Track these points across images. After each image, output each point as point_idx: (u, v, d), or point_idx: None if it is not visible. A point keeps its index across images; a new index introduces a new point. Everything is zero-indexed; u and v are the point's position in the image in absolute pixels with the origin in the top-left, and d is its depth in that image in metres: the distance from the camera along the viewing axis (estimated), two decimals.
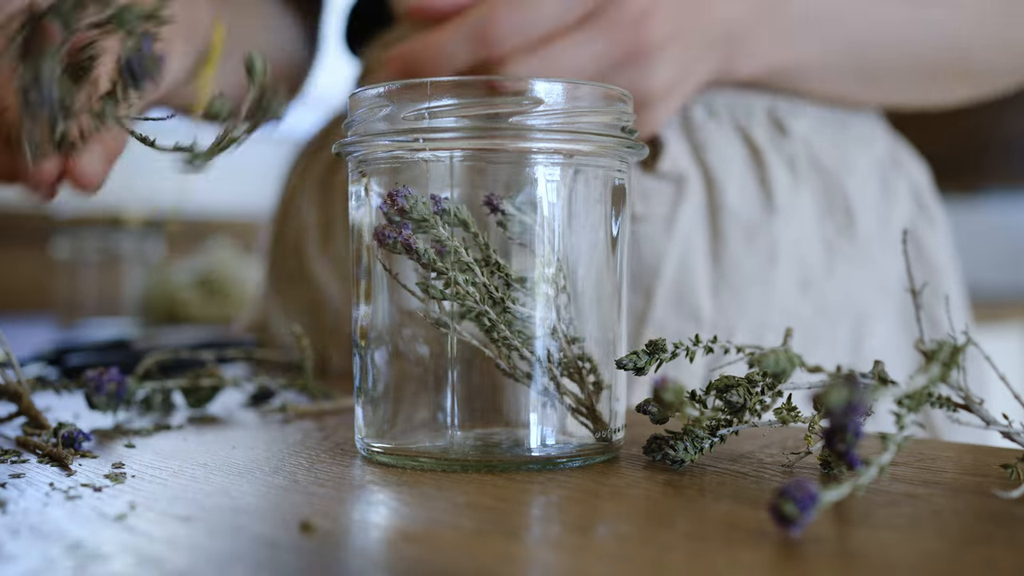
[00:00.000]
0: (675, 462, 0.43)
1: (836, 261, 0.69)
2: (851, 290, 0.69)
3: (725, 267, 0.67)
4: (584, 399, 0.44)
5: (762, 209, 0.68)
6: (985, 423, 0.39)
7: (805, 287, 0.68)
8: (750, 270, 0.67)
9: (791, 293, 0.67)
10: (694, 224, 0.67)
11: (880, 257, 0.70)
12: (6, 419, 0.53)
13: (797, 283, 0.68)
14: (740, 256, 0.67)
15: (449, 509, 0.36)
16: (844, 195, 0.70)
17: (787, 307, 0.67)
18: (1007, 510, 0.36)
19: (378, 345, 0.45)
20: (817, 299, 0.68)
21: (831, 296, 0.68)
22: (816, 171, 0.70)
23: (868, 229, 0.70)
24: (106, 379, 0.53)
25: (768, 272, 0.67)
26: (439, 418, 0.44)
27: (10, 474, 0.42)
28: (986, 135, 2.35)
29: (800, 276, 0.68)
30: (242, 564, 0.31)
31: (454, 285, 0.43)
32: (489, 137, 0.42)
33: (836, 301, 0.68)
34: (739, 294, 0.67)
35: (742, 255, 0.67)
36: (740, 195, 0.68)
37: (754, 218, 0.68)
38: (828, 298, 0.68)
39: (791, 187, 0.69)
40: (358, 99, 0.45)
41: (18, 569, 0.30)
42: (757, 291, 0.67)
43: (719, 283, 0.67)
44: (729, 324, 0.67)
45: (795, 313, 0.67)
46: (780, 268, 0.67)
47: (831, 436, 0.34)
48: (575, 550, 0.32)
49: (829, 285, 0.68)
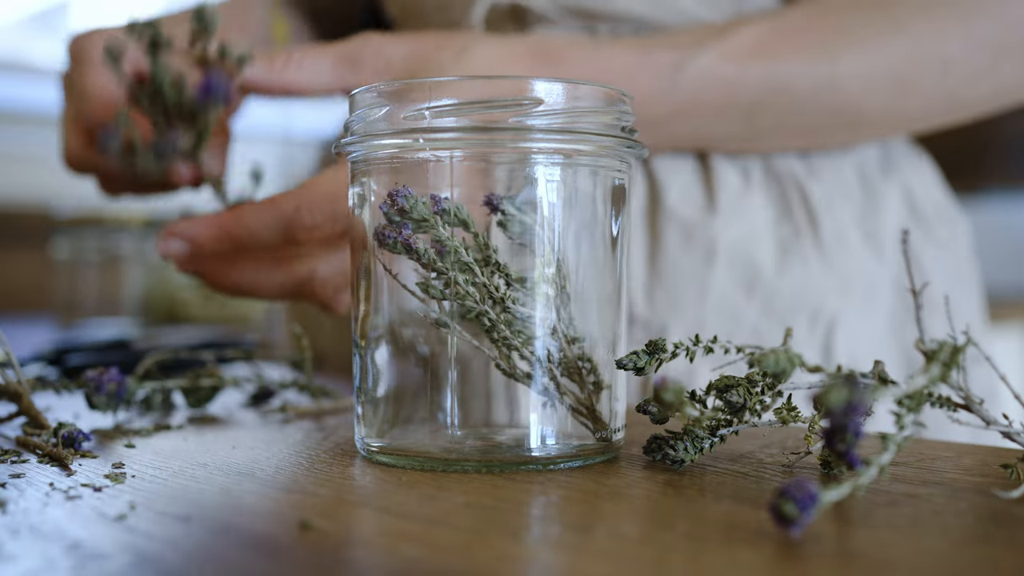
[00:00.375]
0: (675, 462, 0.43)
1: (791, 262, 0.68)
2: (806, 290, 0.68)
3: (661, 266, 0.68)
4: (584, 399, 0.44)
5: (703, 210, 0.68)
6: (985, 423, 0.39)
7: (751, 288, 0.68)
8: (686, 269, 0.68)
9: (732, 293, 0.68)
10: (633, 223, 0.67)
11: (849, 260, 0.70)
12: (6, 419, 0.53)
13: (741, 284, 0.68)
14: (677, 255, 0.68)
15: (449, 509, 0.36)
16: (806, 199, 0.70)
17: (727, 307, 0.68)
18: (1007, 510, 0.36)
19: (378, 345, 0.45)
20: (765, 300, 0.68)
21: (782, 296, 0.68)
22: (773, 177, 0.70)
23: (836, 232, 0.70)
24: (106, 379, 0.53)
25: (705, 271, 0.68)
26: (439, 418, 0.44)
27: (10, 474, 0.42)
28: (986, 135, 2.35)
29: (745, 277, 0.68)
30: (242, 564, 0.31)
31: (454, 285, 0.43)
32: (489, 137, 0.42)
33: (787, 301, 0.68)
34: (673, 293, 0.68)
35: (679, 254, 0.68)
36: (681, 196, 0.68)
37: (693, 218, 0.68)
38: (777, 299, 0.68)
39: (740, 191, 0.69)
40: (358, 99, 0.45)
41: (18, 569, 0.30)
42: (693, 290, 0.68)
43: (653, 282, 0.68)
44: (662, 323, 0.68)
45: (738, 313, 0.68)
46: (719, 268, 0.68)
47: (831, 436, 0.34)
48: (575, 550, 0.32)
49: (781, 284, 0.68)
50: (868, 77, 0.64)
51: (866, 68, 0.64)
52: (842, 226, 0.70)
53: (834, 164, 0.71)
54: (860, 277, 0.70)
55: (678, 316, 0.68)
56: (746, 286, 0.68)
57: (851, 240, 0.70)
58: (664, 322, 0.68)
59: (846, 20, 0.65)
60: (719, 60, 0.63)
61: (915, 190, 0.74)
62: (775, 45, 0.64)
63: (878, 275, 0.70)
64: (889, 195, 0.72)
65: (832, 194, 0.70)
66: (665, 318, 0.68)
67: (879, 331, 0.70)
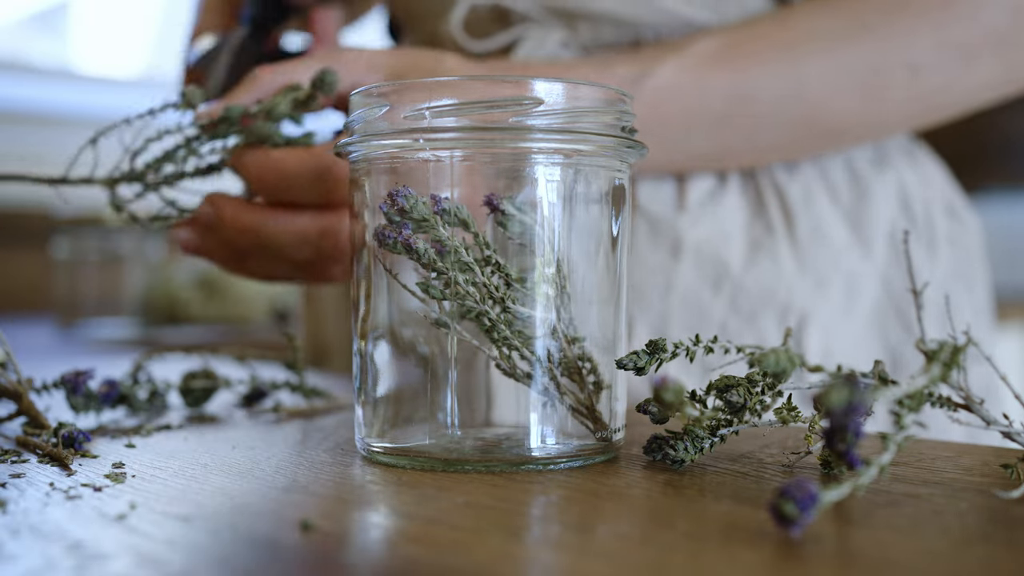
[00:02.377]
0: (675, 462, 0.43)
1: (760, 258, 0.68)
2: (776, 286, 0.68)
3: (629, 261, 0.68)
4: (584, 399, 0.44)
5: (672, 208, 0.69)
6: (985, 423, 0.39)
7: (718, 284, 0.68)
8: (652, 264, 0.68)
9: (698, 288, 0.68)
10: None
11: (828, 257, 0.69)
12: (6, 419, 0.53)
13: (707, 279, 0.68)
14: (643, 250, 0.68)
15: (449, 509, 0.36)
16: (783, 197, 0.69)
17: (693, 302, 0.68)
18: (1007, 510, 0.36)
19: (378, 345, 0.45)
20: (732, 296, 0.68)
21: (748, 292, 0.68)
22: (750, 178, 0.70)
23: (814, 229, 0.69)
24: (82, 380, 0.54)
25: (671, 266, 0.68)
26: (439, 418, 0.44)
27: (10, 474, 0.42)
28: (986, 135, 2.35)
29: (712, 273, 0.68)
30: (242, 564, 0.31)
31: (454, 285, 0.43)
32: (489, 137, 0.42)
33: (754, 297, 0.68)
34: (640, 287, 0.68)
35: (646, 250, 0.68)
36: (652, 194, 0.69)
37: (661, 214, 0.68)
38: (743, 295, 0.68)
39: (714, 192, 0.69)
40: (358, 99, 0.45)
41: (18, 569, 0.30)
42: (659, 285, 0.68)
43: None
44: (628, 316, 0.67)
45: (704, 309, 0.68)
46: (685, 263, 0.68)
47: (831, 436, 0.34)
48: (575, 550, 0.32)
49: (748, 279, 0.68)
50: (833, 83, 0.64)
51: (831, 74, 0.64)
52: (822, 223, 0.69)
53: (816, 162, 0.71)
54: (840, 274, 0.69)
55: (643, 309, 0.68)
56: (713, 282, 0.68)
57: (834, 237, 0.70)
58: (630, 315, 0.67)
59: (809, 26, 0.64)
60: (678, 71, 0.63)
61: (909, 186, 0.73)
62: (736, 54, 0.64)
63: (862, 272, 0.70)
64: (881, 191, 0.71)
65: (812, 191, 0.70)
66: (631, 311, 0.68)
67: (858, 329, 0.70)
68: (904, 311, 0.70)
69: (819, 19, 0.64)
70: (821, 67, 0.64)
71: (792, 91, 0.64)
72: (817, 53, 0.64)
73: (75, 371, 0.55)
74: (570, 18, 0.69)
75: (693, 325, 0.67)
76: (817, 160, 0.71)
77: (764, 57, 0.64)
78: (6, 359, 0.53)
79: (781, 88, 0.64)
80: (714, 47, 0.64)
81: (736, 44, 0.64)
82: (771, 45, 0.64)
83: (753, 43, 0.64)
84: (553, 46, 0.68)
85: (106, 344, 1.32)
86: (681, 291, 0.68)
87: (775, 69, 0.64)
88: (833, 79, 0.64)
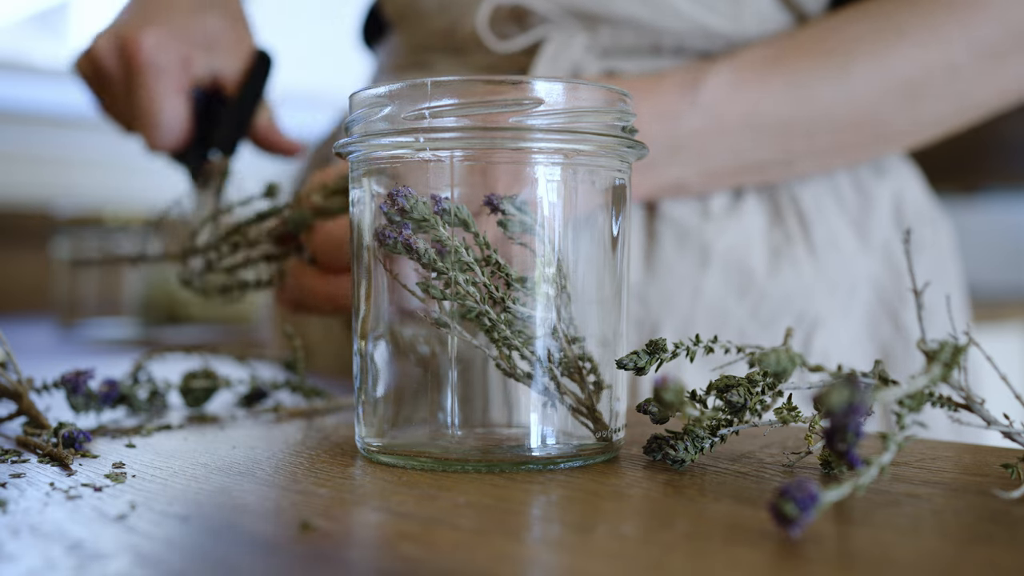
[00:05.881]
0: (675, 462, 0.43)
1: (782, 265, 0.70)
2: (796, 293, 0.69)
3: (656, 267, 0.70)
4: (584, 399, 0.44)
5: (698, 215, 0.70)
6: (986, 423, 0.39)
7: (743, 291, 0.69)
8: (680, 271, 0.69)
9: (724, 296, 0.69)
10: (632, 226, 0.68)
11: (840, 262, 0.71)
12: (6, 419, 0.53)
13: (734, 287, 0.69)
14: (672, 258, 0.69)
15: (449, 509, 0.36)
16: (797, 205, 0.71)
17: (718, 309, 0.69)
18: (1007, 510, 0.36)
19: (378, 345, 0.45)
20: (755, 303, 0.69)
21: (771, 299, 0.69)
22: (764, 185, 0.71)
23: (829, 236, 0.71)
24: (82, 380, 0.54)
25: (699, 275, 0.69)
26: (439, 418, 0.44)
27: (10, 474, 0.42)
28: (985, 135, 2.35)
29: (739, 281, 0.69)
30: (242, 564, 0.31)
31: (454, 285, 0.43)
32: (489, 137, 0.42)
33: (776, 304, 0.69)
34: (667, 293, 0.69)
35: (674, 257, 0.69)
36: (675, 201, 0.70)
37: (688, 223, 0.70)
38: (766, 302, 0.69)
39: (733, 197, 0.70)
40: (358, 99, 0.45)
41: (18, 569, 0.30)
42: (687, 292, 0.69)
43: (648, 281, 0.69)
44: (654, 321, 0.69)
45: (727, 315, 0.69)
46: (713, 272, 0.69)
47: (831, 436, 0.34)
48: (575, 550, 0.32)
49: (772, 287, 0.69)
50: (881, 85, 0.65)
51: (877, 76, 0.65)
52: (835, 230, 0.71)
53: (824, 171, 0.72)
54: (847, 279, 0.71)
55: (670, 315, 0.69)
56: (739, 289, 0.69)
57: (844, 243, 0.71)
58: (656, 320, 0.69)
59: (850, 33, 0.66)
60: (734, 71, 0.64)
61: (902, 194, 0.75)
62: (788, 57, 0.65)
63: (861, 275, 0.71)
64: (881, 199, 0.74)
65: (823, 199, 0.71)
66: (657, 317, 0.69)
67: (854, 329, 0.71)
68: (896, 311, 0.72)
69: (857, 26, 0.66)
70: (867, 70, 0.65)
71: (845, 94, 0.65)
72: (864, 55, 0.65)
73: (75, 371, 0.55)
74: (590, 21, 0.69)
75: (716, 330, 0.68)
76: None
77: (816, 61, 0.65)
78: (6, 359, 0.53)
79: (835, 90, 0.65)
80: (765, 52, 0.65)
81: (786, 49, 0.66)
82: (820, 49, 0.66)
83: (803, 47, 0.66)
84: (579, 49, 0.69)
85: (106, 344, 1.32)
86: (708, 298, 0.69)
87: (827, 71, 0.65)
88: (879, 82, 0.65)
